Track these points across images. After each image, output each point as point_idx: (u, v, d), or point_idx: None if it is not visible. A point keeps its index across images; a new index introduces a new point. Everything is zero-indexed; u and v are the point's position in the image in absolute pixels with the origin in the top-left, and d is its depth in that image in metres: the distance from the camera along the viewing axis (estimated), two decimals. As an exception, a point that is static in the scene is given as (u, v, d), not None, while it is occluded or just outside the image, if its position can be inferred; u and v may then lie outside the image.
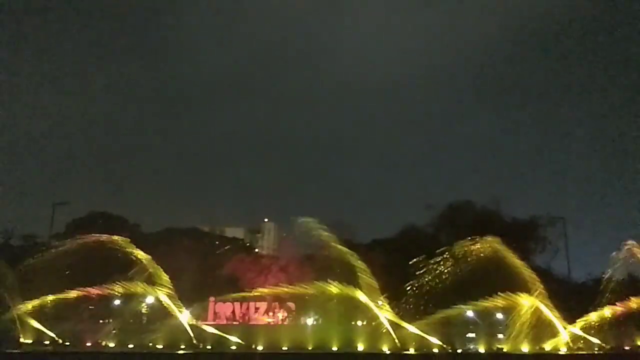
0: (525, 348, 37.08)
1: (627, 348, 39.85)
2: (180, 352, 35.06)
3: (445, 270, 37.76)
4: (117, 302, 45.51)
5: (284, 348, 37.08)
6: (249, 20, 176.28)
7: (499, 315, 43.28)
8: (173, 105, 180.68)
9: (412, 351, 35.52)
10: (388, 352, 35.22)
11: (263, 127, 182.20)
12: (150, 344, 36.82)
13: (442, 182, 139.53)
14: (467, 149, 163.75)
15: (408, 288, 38.43)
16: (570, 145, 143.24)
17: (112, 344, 37.87)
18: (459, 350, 37.23)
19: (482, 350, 37.89)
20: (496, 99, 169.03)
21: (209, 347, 37.05)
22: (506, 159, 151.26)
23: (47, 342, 37.71)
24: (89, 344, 37.69)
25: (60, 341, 37.82)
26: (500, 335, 39.78)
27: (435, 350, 35.59)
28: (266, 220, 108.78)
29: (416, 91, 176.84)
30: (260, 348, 37.23)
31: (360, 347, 36.57)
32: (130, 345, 37.02)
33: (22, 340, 37.97)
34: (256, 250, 76.11)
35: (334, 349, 36.80)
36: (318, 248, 47.58)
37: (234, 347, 36.78)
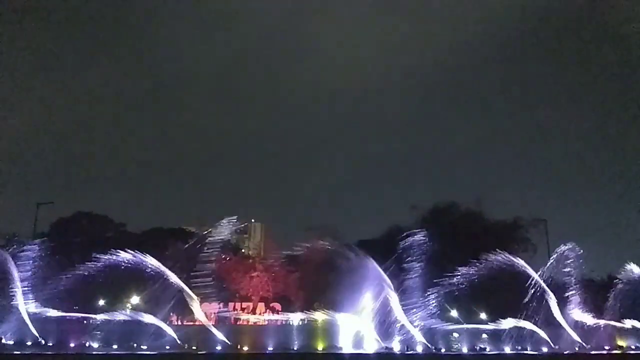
0: (506, 348, 37.70)
1: (606, 347, 40.62)
2: (165, 352, 35.00)
3: None
4: (101, 302, 45.21)
5: (270, 348, 37.18)
6: (232, 23, 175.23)
7: (482, 316, 43.84)
8: (159, 106, 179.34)
9: (396, 351, 35.88)
10: (372, 352, 35.56)
11: (249, 128, 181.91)
12: (135, 345, 36.67)
13: (427, 184, 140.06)
14: (451, 151, 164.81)
15: None
16: (553, 148, 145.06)
17: (96, 345, 37.62)
18: (443, 350, 37.64)
19: (465, 350, 38.37)
20: (481, 102, 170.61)
21: (194, 347, 37.00)
22: (490, 161, 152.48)
23: (29, 343, 37.30)
24: (72, 345, 37.36)
25: (44, 342, 37.41)
26: (484, 336, 40.22)
27: (420, 349, 35.99)
28: (253, 221, 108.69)
29: (402, 94, 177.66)
30: (245, 348, 37.29)
31: (345, 347, 36.80)
32: (115, 346, 36.81)
33: (3, 341, 37.55)
34: (242, 250, 75.81)
35: (319, 349, 37.01)
36: (302, 249, 47.85)
37: (219, 347, 36.78)
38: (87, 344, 37.68)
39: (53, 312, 39.00)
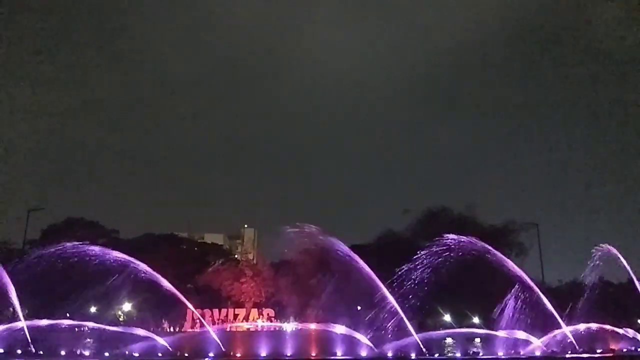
0: (500, 352, 37.76)
1: (599, 351, 40.78)
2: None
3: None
4: (93, 309, 44.90)
5: (263, 354, 37.03)
6: (215, 27, 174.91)
7: (475, 320, 43.96)
8: (151, 111, 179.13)
9: (389, 355, 35.85)
10: (366, 357, 35.51)
11: (241, 134, 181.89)
12: (127, 353, 36.40)
13: (420, 188, 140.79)
14: (443, 155, 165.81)
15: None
16: (545, 153, 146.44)
17: (87, 353, 37.31)
18: (436, 355, 37.64)
19: (458, 354, 38.39)
20: (473, 106, 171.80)
21: (186, 354, 36.79)
22: (482, 165, 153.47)
23: (19, 352, 36.90)
24: (63, 353, 37.02)
25: (34, 350, 37.03)
26: (477, 340, 40.27)
27: (413, 355, 35.96)
28: (246, 226, 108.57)
29: (394, 98, 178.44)
30: (238, 354, 37.12)
31: (339, 352, 36.73)
32: (106, 354, 36.52)
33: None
34: (236, 256, 75.66)
35: (313, 354, 36.89)
36: (296, 254, 47.79)
37: (212, 354, 36.58)
38: (78, 352, 37.37)
39: (44, 320, 38.64)
